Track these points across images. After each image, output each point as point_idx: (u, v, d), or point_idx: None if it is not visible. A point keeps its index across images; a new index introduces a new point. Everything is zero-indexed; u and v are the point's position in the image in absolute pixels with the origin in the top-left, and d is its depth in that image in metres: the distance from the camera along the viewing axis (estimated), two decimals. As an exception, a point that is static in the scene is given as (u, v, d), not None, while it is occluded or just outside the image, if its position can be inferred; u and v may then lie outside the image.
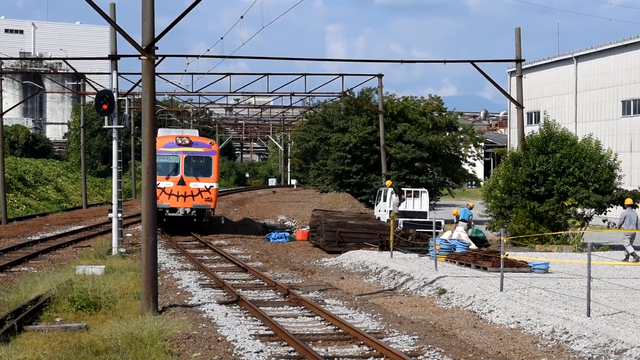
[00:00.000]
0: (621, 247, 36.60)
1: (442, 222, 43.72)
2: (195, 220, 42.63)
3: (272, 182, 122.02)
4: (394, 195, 44.57)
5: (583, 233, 38.46)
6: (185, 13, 20.48)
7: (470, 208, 38.14)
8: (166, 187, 41.58)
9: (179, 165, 42.01)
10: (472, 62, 42.11)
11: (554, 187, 38.57)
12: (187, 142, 42.20)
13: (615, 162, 39.91)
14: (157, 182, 36.03)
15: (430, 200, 50.79)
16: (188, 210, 41.91)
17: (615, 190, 38.96)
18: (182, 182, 41.78)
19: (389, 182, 46.56)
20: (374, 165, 59.88)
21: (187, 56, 45.13)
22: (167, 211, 41.64)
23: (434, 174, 61.07)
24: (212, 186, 42.17)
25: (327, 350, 16.76)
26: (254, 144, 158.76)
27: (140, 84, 25.52)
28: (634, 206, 33.67)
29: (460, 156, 64.16)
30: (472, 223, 38.07)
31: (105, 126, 34.07)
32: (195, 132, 47.76)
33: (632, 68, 65.05)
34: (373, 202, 52.90)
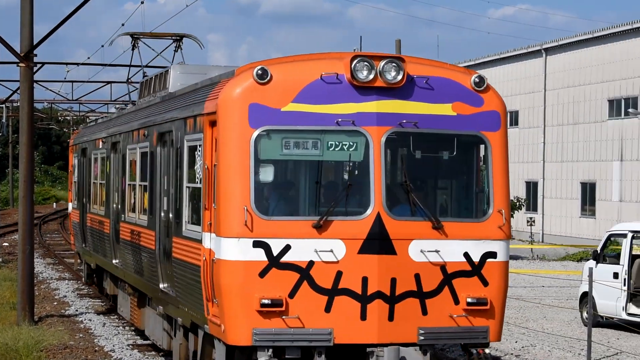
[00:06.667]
0: None
1: None
2: None
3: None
4: None
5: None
6: (65, 20, 20.33)
7: None
8: (323, 265, 10.20)
9: (368, 170, 10.32)
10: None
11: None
12: (391, 79, 10.31)
13: None
14: (278, 240, 10.32)
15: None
16: None
17: None
18: (378, 240, 10.16)
19: None
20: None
21: (67, 64, 44.69)
22: None
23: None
24: (494, 254, 10.72)
25: None
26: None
27: (18, 91, 25.25)
28: None
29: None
30: None
31: (-18, 133, 33.47)
32: None
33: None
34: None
